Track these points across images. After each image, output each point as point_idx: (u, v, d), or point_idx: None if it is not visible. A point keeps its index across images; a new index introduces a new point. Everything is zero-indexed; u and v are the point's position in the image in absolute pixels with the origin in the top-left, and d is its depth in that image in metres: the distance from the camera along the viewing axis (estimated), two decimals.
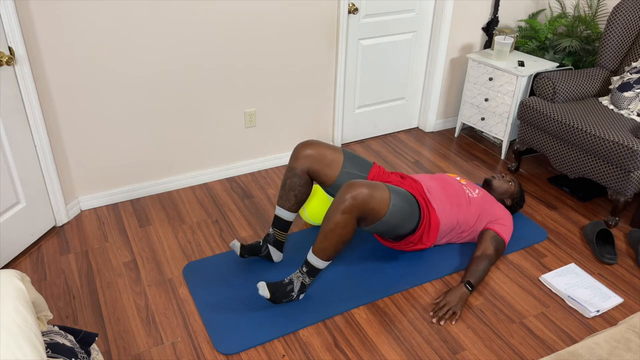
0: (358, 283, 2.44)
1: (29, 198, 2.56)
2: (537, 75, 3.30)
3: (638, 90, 3.05)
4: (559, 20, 3.59)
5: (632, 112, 3.05)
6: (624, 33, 3.26)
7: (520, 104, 3.25)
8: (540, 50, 3.67)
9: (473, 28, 3.70)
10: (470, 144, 3.79)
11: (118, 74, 2.69)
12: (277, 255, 2.52)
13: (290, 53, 3.11)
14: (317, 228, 2.82)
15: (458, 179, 2.68)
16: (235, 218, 2.88)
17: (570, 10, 3.77)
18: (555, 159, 3.11)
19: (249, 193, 3.11)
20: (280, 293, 2.24)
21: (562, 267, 2.59)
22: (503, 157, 3.60)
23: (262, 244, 2.49)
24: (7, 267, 2.49)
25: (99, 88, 2.68)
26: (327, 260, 2.22)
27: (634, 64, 3.15)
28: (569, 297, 2.39)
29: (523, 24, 3.85)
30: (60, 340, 1.52)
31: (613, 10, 3.24)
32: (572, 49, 3.50)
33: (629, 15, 3.23)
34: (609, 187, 2.85)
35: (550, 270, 2.57)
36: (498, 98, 3.47)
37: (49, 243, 2.66)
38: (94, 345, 1.71)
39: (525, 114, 3.21)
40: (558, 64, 3.47)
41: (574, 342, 2.18)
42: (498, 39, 3.46)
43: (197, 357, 2.07)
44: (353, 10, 3.21)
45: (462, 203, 2.54)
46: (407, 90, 3.78)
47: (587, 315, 2.30)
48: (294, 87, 3.23)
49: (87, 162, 2.82)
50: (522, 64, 3.39)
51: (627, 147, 2.69)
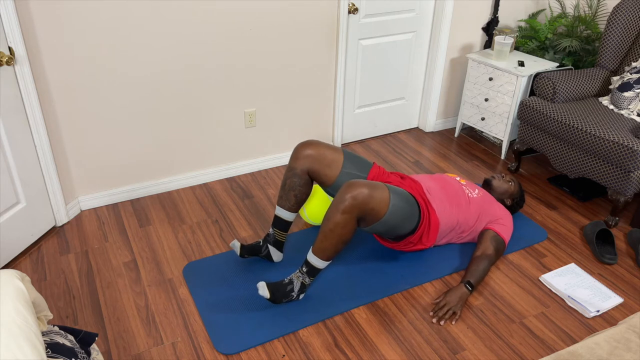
0: (358, 283, 2.44)
1: (29, 198, 2.56)
2: (537, 75, 3.30)
3: (638, 90, 3.05)
4: (559, 20, 3.59)
5: (632, 112, 3.05)
6: (624, 33, 3.26)
7: (520, 104, 3.25)
8: (540, 50, 3.67)
9: (473, 28, 3.70)
10: (470, 144, 3.78)
11: (118, 74, 2.69)
12: (277, 255, 2.52)
13: (290, 53, 3.11)
14: (317, 228, 2.82)
15: (458, 179, 2.68)
16: (235, 218, 2.88)
17: (570, 10, 3.77)
18: (555, 159, 3.11)
19: (249, 193, 3.11)
20: (280, 293, 2.24)
21: (562, 267, 2.59)
22: (503, 157, 3.60)
23: (262, 244, 2.49)
24: (7, 267, 2.49)
25: (99, 88, 2.68)
26: (327, 260, 2.22)
27: (634, 64, 3.15)
28: (569, 297, 2.39)
29: (523, 24, 3.85)
30: (60, 340, 1.51)
31: (613, 10, 3.24)
32: (572, 49, 3.50)
33: (629, 15, 3.23)
34: (609, 187, 2.85)
35: (550, 270, 2.57)
36: (498, 98, 3.47)
37: (49, 243, 2.66)
38: (94, 345, 1.71)
39: (525, 114, 3.21)
40: (558, 64, 3.47)
41: (574, 342, 2.18)
42: (498, 39, 3.46)
43: (197, 357, 2.07)
44: (353, 10, 3.21)
45: (461, 203, 2.54)
46: (407, 90, 3.78)
47: (587, 315, 2.30)
48: (294, 87, 3.23)
49: (87, 162, 2.82)
50: (522, 64, 3.39)
51: (627, 147, 2.69)
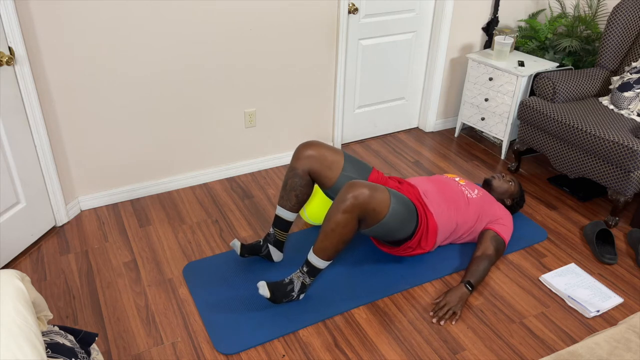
0: (358, 283, 2.44)
1: (29, 198, 2.56)
2: (537, 75, 3.30)
3: (638, 90, 3.05)
4: (559, 20, 3.59)
5: (632, 112, 3.05)
6: (624, 33, 3.26)
7: (520, 104, 3.25)
8: (540, 50, 3.67)
9: (473, 28, 3.70)
10: (470, 144, 3.79)
11: (118, 74, 2.69)
12: (277, 255, 2.52)
13: (290, 53, 3.11)
14: (317, 228, 2.82)
15: (457, 180, 2.68)
16: (235, 218, 2.88)
17: (570, 10, 3.77)
18: (555, 159, 3.11)
19: (249, 193, 3.11)
20: (281, 293, 2.24)
21: (562, 267, 2.59)
22: (503, 157, 3.60)
23: (262, 244, 2.49)
24: (7, 267, 2.48)
25: (99, 88, 2.68)
26: (327, 260, 2.22)
27: (634, 64, 3.15)
28: (569, 297, 2.39)
29: (523, 24, 3.85)
30: (60, 340, 1.51)
31: (613, 10, 3.24)
32: (572, 49, 3.50)
33: (629, 15, 3.23)
34: (609, 187, 2.85)
35: (550, 270, 2.57)
36: (498, 98, 3.47)
37: (49, 243, 2.66)
38: (94, 345, 1.71)
39: (525, 114, 3.21)
40: (558, 64, 3.47)
41: (574, 342, 2.18)
42: (498, 39, 3.46)
43: (197, 357, 2.07)
44: (353, 10, 3.21)
45: (460, 205, 2.54)
46: (407, 90, 3.78)
47: (587, 315, 2.30)
48: (294, 87, 3.23)
49: (87, 162, 2.82)
50: (522, 64, 3.39)
51: (627, 147, 2.69)
